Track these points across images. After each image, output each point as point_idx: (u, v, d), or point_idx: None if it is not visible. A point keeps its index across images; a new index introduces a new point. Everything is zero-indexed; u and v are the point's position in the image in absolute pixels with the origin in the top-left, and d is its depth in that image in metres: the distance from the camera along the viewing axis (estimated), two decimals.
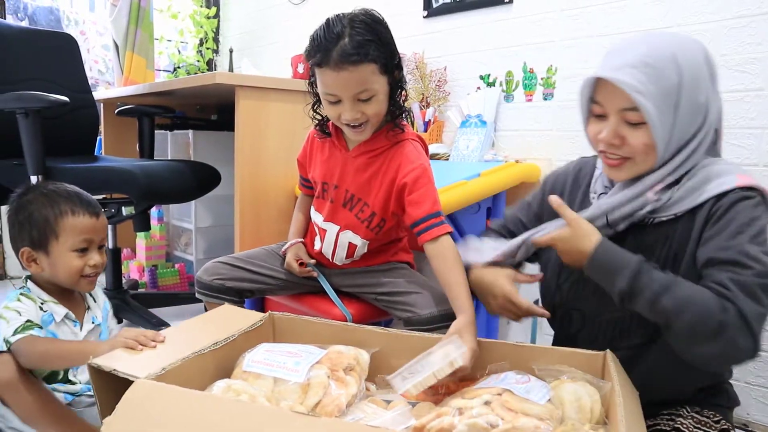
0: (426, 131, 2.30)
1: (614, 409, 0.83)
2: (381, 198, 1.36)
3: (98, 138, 2.70)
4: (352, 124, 1.28)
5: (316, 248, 1.49)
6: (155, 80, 3.20)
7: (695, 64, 0.95)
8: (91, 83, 2.47)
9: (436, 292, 1.34)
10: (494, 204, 1.96)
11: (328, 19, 1.23)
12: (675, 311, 0.89)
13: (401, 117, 1.36)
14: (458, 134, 2.23)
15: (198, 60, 3.65)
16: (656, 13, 1.77)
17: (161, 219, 3.11)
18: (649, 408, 0.97)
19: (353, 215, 1.41)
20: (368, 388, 1.08)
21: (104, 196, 2.23)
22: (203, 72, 3.55)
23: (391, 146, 1.36)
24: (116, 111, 2.48)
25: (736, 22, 1.62)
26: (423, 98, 2.37)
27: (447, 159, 2.21)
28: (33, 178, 1.83)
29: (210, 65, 3.72)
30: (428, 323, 1.26)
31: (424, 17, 2.45)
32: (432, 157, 1.49)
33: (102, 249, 1.23)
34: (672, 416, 1.01)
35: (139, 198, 1.95)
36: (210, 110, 2.98)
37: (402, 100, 1.34)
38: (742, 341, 0.86)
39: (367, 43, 1.19)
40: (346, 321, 1.35)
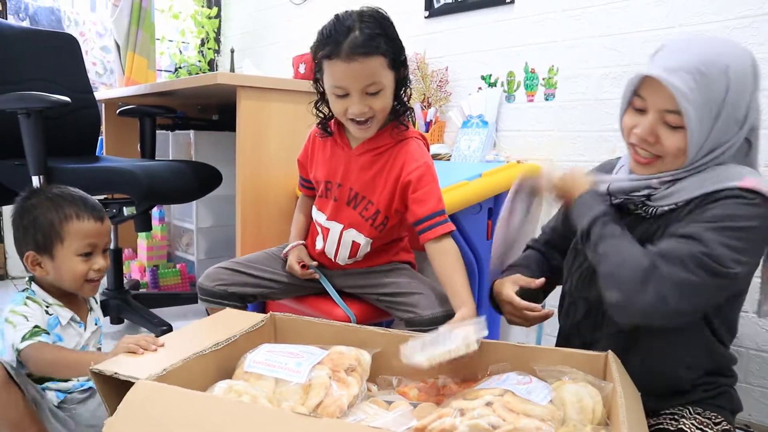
0: (427, 131, 2.29)
1: (616, 410, 0.83)
2: (386, 196, 1.37)
3: (99, 138, 2.70)
4: (358, 119, 1.28)
5: (318, 248, 1.49)
6: (156, 80, 3.20)
7: (743, 80, 0.96)
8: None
9: (438, 293, 1.34)
10: (496, 204, 1.95)
11: (337, 14, 1.25)
12: (602, 257, 0.99)
13: (405, 115, 1.37)
14: (460, 134, 2.23)
15: (199, 60, 3.65)
16: (658, 14, 1.77)
17: (162, 219, 3.11)
18: (650, 402, 0.98)
19: (357, 213, 1.41)
20: (370, 389, 1.08)
21: (105, 197, 2.23)
22: (204, 72, 3.55)
23: (396, 144, 1.36)
24: (117, 111, 2.48)
25: (738, 23, 1.62)
26: (424, 98, 2.37)
27: (448, 159, 2.21)
28: (34, 179, 1.83)
29: (211, 65, 3.72)
30: (430, 324, 1.26)
31: (426, 17, 2.45)
32: (433, 158, 1.49)
33: (106, 253, 1.23)
34: (675, 416, 1.01)
35: (141, 198, 1.95)
36: (211, 110, 2.98)
37: (406, 98, 1.36)
38: (647, 297, 0.92)
39: (377, 37, 1.22)
40: (350, 322, 1.35)
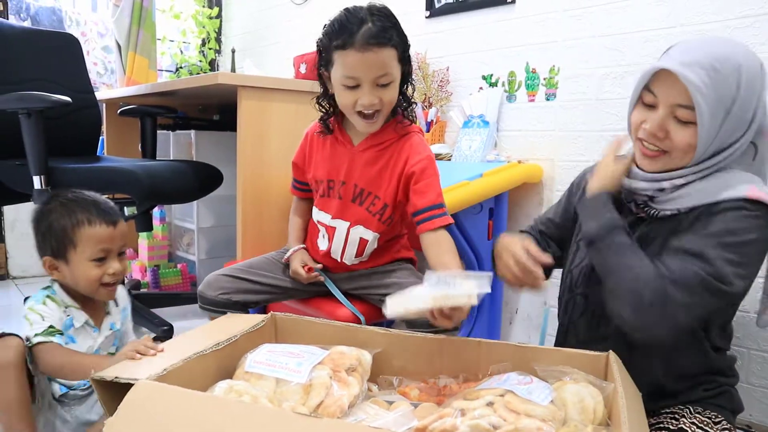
0: (428, 131, 2.29)
1: (617, 411, 0.83)
2: (392, 189, 1.38)
3: (100, 138, 2.70)
4: (367, 112, 1.30)
5: (323, 249, 1.48)
6: (157, 80, 3.20)
7: (754, 80, 0.97)
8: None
9: None
10: (497, 204, 1.95)
11: (347, 8, 1.28)
12: (614, 268, 0.98)
13: (407, 110, 1.40)
14: (461, 134, 2.23)
15: (200, 60, 3.65)
16: (659, 13, 1.77)
17: (163, 219, 3.11)
18: (648, 402, 0.97)
19: (364, 209, 1.41)
20: (370, 389, 1.07)
21: (106, 197, 2.22)
22: (205, 72, 3.55)
23: (399, 138, 1.38)
24: (118, 111, 2.48)
25: (740, 23, 1.62)
26: (425, 98, 2.37)
27: (449, 159, 2.21)
28: (35, 179, 1.83)
29: (212, 65, 3.72)
30: (429, 326, 1.26)
31: (427, 17, 2.45)
32: (437, 164, 1.51)
33: (122, 256, 1.23)
34: (675, 415, 1.01)
35: (142, 198, 1.96)
36: (212, 110, 2.98)
37: (410, 94, 1.39)
38: (661, 322, 0.92)
39: (390, 29, 1.26)
40: (358, 323, 1.34)
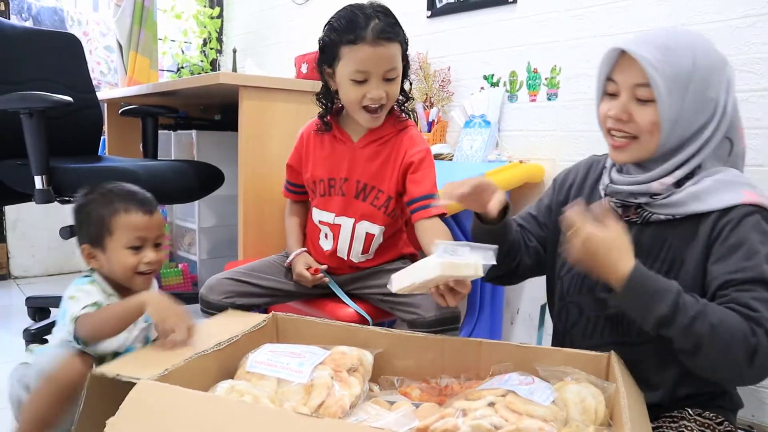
0: (430, 131, 2.29)
1: (619, 411, 0.83)
2: (394, 181, 1.41)
3: (102, 138, 2.70)
4: (373, 106, 1.33)
5: (327, 249, 1.48)
6: (159, 80, 3.20)
7: (712, 62, 0.99)
8: (94, 84, 2.47)
9: None
10: None
11: (352, 5, 1.32)
12: (708, 335, 0.87)
13: (404, 105, 1.44)
14: (462, 134, 2.22)
15: (201, 60, 3.65)
16: (661, 13, 1.76)
17: (165, 219, 3.11)
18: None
19: (368, 204, 1.42)
20: (372, 389, 1.07)
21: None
22: (207, 72, 3.55)
23: (398, 132, 1.42)
24: (120, 111, 2.48)
25: (742, 22, 1.61)
26: (426, 98, 2.37)
27: (451, 159, 2.21)
28: (37, 179, 1.83)
29: (213, 65, 3.72)
30: (431, 326, 1.26)
31: (428, 17, 2.45)
32: (436, 158, 1.51)
33: (159, 247, 1.24)
34: (674, 419, 1.01)
35: None
36: (213, 110, 2.98)
37: (408, 90, 1.43)
38: (762, 373, 0.88)
39: (395, 25, 1.31)
40: (366, 324, 1.34)
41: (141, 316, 1.23)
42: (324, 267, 1.48)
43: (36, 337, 2.02)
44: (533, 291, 2.10)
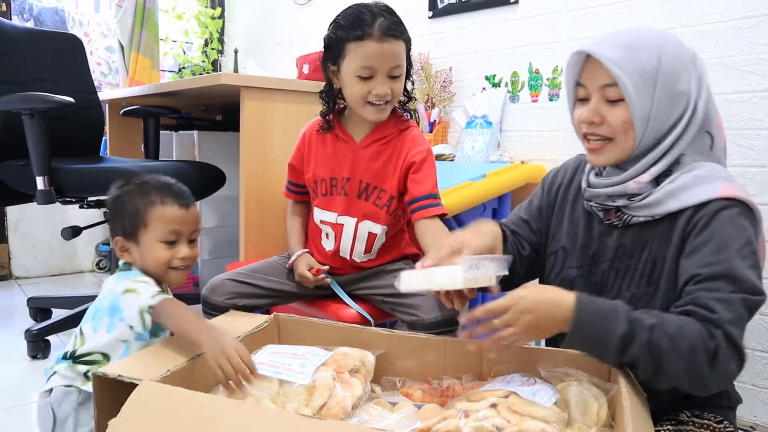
0: (431, 132, 2.29)
1: (621, 412, 0.82)
2: (396, 181, 1.41)
3: (103, 139, 2.71)
4: (378, 103, 1.34)
5: (329, 249, 1.48)
6: (160, 81, 3.21)
7: (677, 55, 0.98)
8: (95, 85, 2.47)
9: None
10: (500, 205, 1.95)
11: (358, 4, 1.34)
12: (669, 348, 0.86)
13: (406, 105, 1.45)
14: (464, 135, 2.22)
15: (203, 60, 3.66)
16: (663, 14, 1.76)
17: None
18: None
19: (371, 204, 1.43)
20: (374, 390, 1.07)
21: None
22: (208, 72, 3.56)
23: (400, 132, 1.43)
24: (121, 112, 2.48)
25: (744, 23, 1.61)
26: (428, 99, 2.37)
27: (452, 160, 2.21)
28: (38, 179, 1.84)
29: (215, 66, 3.72)
30: (430, 328, 1.26)
31: (430, 18, 2.45)
32: (437, 158, 1.52)
33: (194, 243, 1.21)
34: (671, 421, 1.00)
35: None
36: (215, 111, 2.98)
37: (410, 91, 1.44)
38: (733, 365, 0.87)
39: (400, 23, 1.34)
40: (369, 325, 1.33)
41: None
42: (326, 268, 1.48)
43: (37, 338, 2.02)
44: None
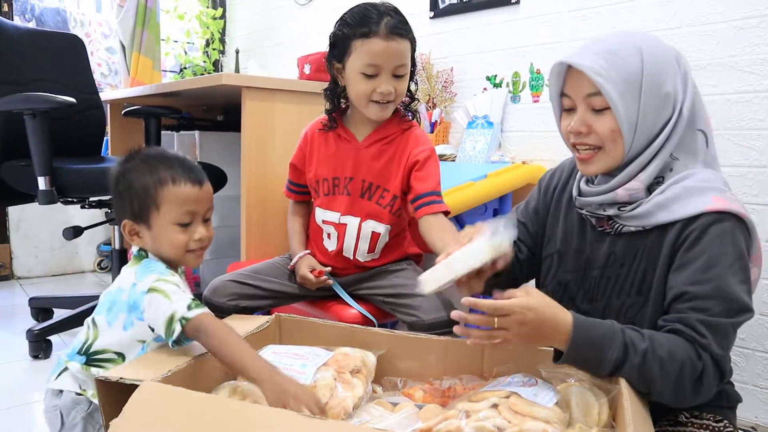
0: (432, 132, 2.29)
1: (622, 413, 0.82)
2: (399, 180, 1.42)
3: (105, 139, 2.71)
4: (382, 101, 1.35)
5: (331, 250, 1.48)
6: (161, 81, 3.21)
7: (660, 57, 0.97)
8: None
9: (441, 297, 1.33)
10: (501, 205, 1.95)
11: (365, 3, 1.36)
12: (659, 372, 0.88)
13: (409, 105, 1.46)
14: (465, 135, 2.22)
15: (204, 61, 3.66)
16: (664, 14, 1.76)
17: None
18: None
19: (374, 203, 1.43)
20: (375, 390, 1.07)
21: (110, 197, 2.23)
22: (209, 73, 3.56)
23: (402, 132, 1.44)
24: (123, 112, 2.49)
25: (745, 23, 1.61)
26: (429, 99, 2.37)
27: (453, 160, 2.21)
28: (40, 179, 1.84)
29: (216, 66, 3.73)
30: (431, 329, 1.26)
31: (431, 18, 2.45)
32: (439, 159, 1.51)
33: (209, 222, 1.11)
34: (670, 422, 1.00)
35: None
36: (216, 111, 2.98)
37: (414, 91, 1.45)
38: (714, 385, 0.90)
39: (406, 23, 1.36)
40: (372, 326, 1.34)
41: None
42: (328, 269, 1.48)
43: (39, 337, 2.02)
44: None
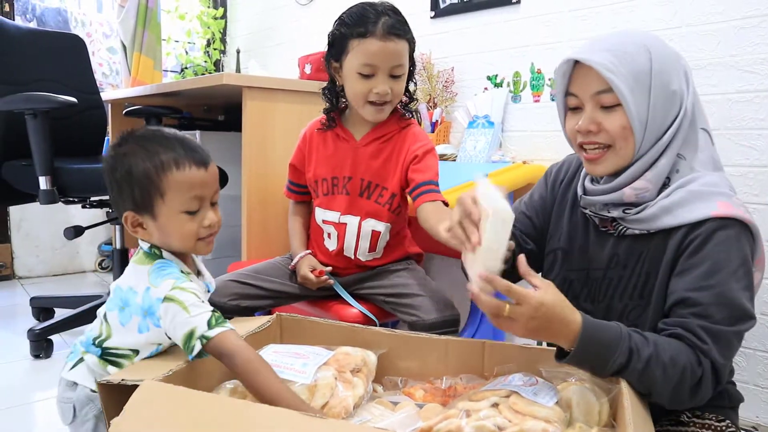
0: (433, 132, 2.29)
1: (622, 412, 0.82)
2: (398, 178, 1.42)
3: (106, 139, 2.71)
4: (379, 102, 1.35)
5: (332, 249, 1.48)
6: (162, 81, 3.21)
7: (666, 56, 0.97)
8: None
9: (442, 297, 1.34)
10: None
11: (364, 3, 1.36)
12: (661, 377, 0.87)
13: (408, 105, 1.45)
14: (465, 135, 2.22)
15: (205, 61, 3.66)
16: (665, 14, 1.76)
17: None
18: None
19: (373, 202, 1.43)
20: (375, 390, 1.07)
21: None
22: (210, 73, 3.56)
23: (400, 130, 1.44)
24: (124, 112, 2.49)
25: (746, 23, 1.61)
26: (430, 99, 2.37)
27: (454, 160, 2.21)
28: (41, 179, 1.84)
29: (217, 66, 3.73)
30: (431, 328, 1.26)
31: (432, 18, 2.45)
32: (439, 158, 1.51)
33: (216, 206, 1.02)
34: (673, 423, 1.00)
35: None
36: (217, 111, 2.98)
37: (412, 91, 1.46)
38: (711, 390, 0.90)
39: (405, 23, 1.36)
40: (374, 325, 1.34)
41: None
42: (328, 269, 1.48)
43: (40, 337, 2.03)
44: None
